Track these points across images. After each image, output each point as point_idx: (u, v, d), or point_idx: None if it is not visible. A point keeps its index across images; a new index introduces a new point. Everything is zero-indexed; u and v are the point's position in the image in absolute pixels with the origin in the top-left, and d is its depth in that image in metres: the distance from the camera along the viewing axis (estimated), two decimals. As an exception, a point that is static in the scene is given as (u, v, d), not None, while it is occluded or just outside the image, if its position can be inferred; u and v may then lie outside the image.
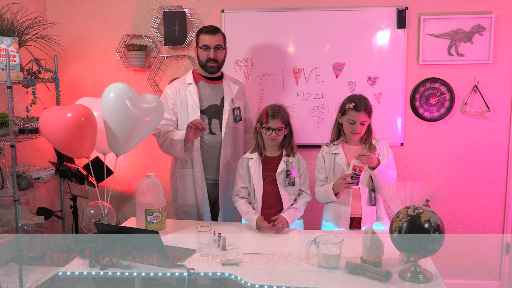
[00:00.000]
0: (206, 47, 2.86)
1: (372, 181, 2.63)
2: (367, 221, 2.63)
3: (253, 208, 2.69)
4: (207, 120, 2.92)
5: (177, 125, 2.94)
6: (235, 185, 2.79)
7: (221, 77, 3.02)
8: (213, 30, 2.88)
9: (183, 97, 2.91)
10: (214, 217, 3.03)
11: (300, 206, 2.70)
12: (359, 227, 2.65)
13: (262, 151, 2.74)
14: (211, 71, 2.93)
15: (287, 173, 2.68)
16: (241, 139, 3.08)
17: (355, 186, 2.55)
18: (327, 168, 2.74)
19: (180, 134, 2.79)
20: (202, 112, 2.90)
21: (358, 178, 2.51)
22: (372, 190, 2.65)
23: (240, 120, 3.02)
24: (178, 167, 2.97)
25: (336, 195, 2.60)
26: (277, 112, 2.65)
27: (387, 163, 2.67)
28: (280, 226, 2.57)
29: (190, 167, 2.94)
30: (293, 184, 2.69)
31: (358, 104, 2.60)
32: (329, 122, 3.37)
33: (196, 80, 2.96)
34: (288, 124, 2.70)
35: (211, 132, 2.93)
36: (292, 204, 2.70)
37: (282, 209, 2.67)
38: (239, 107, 3.00)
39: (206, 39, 2.86)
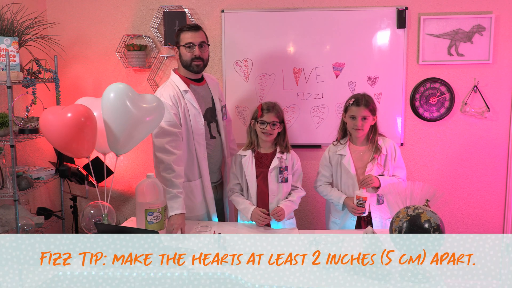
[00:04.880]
0: (190, 45, 2.68)
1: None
2: (377, 219, 2.70)
3: None
4: (207, 127, 2.79)
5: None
6: (229, 182, 2.82)
7: (202, 77, 2.88)
8: (195, 26, 2.72)
9: (183, 106, 2.72)
10: (220, 214, 2.98)
11: (296, 200, 2.74)
12: (368, 220, 2.71)
13: (256, 148, 2.75)
14: (196, 71, 2.73)
15: (281, 170, 2.70)
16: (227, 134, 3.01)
17: (364, 214, 2.65)
18: (334, 168, 2.79)
19: (179, 202, 2.58)
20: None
21: (364, 207, 2.60)
22: None
23: (227, 117, 2.97)
24: (184, 181, 2.71)
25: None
26: (272, 107, 2.68)
27: (396, 163, 2.74)
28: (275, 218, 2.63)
29: (198, 177, 2.80)
30: (286, 181, 2.72)
31: (359, 99, 2.67)
32: (329, 122, 3.39)
33: (187, 86, 2.77)
34: (282, 121, 2.72)
35: (212, 137, 2.84)
36: (287, 197, 2.73)
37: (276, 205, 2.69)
38: (225, 105, 2.94)
39: (189, 36, 2.68)
